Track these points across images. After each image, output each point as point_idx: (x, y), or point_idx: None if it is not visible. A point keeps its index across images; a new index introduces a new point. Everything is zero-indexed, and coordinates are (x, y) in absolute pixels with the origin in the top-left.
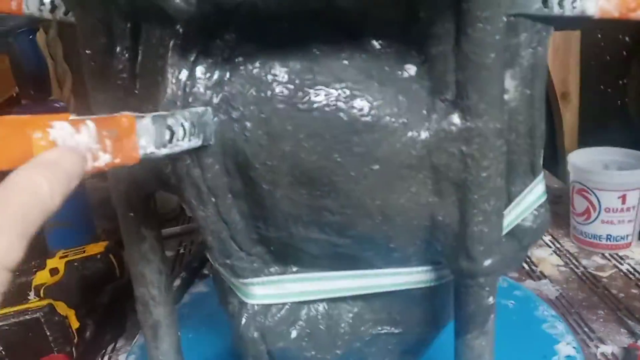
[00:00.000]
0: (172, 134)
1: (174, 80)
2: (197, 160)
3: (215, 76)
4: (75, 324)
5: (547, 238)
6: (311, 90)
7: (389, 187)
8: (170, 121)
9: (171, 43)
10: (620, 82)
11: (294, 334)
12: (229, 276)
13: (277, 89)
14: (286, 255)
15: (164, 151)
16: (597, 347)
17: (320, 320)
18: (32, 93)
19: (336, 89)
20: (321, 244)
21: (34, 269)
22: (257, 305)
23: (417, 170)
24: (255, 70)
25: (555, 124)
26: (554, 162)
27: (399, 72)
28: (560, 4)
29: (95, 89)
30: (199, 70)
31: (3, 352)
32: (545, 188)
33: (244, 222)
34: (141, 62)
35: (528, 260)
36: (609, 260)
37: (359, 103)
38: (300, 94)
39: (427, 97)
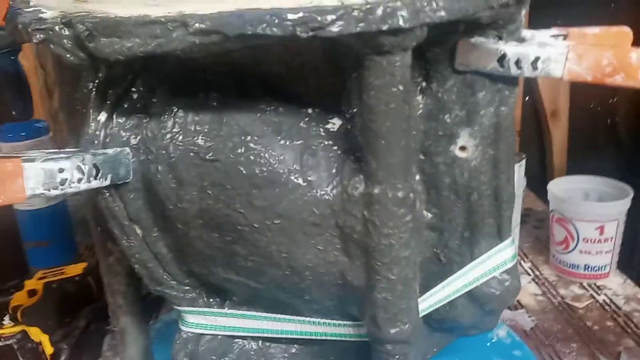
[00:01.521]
0: (66, 177)
1: (92, 122)
2: (119, 195)
3: (134, 120)
4: (49, 350)
5: (526, 265)
6: (214, 141)
7: (293, 242)
8: (64, 164)
9: (94, 88)
10: (610, 100)
11: None
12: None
13: (185, 137)
14: (218, 290)
15: (54, 192)
16: None
17: (252, 356)
18: (14, 114)
19: (238, 142)
20: (241, 285)
21: (12, 290)
22: (190, 332)
23: (323, 228)
24: (166, 117)
25: (545, 143)
26: (543, 183)
27: (318, 130)
28: (518, 65)
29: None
30: (118, 113)
31: None
32: (516, 251)
33: (171, 254)
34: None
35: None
36: (586, 290)
37: (258, 158)
38: (204, 143)
39: (339, 157)
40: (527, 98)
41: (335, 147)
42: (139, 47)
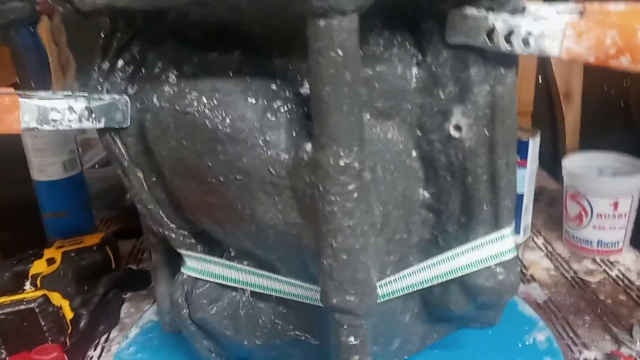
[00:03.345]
0: (55, 115)
1: (97, 70)
2: (120, 138)
3: (131, 71)
4: (69, 315)
5: (539, 241)
6: (189, 95)
7: (254, 199)
8: (57, 104)
9: (100, 41)
10: (624, 83)
11: (213, 310)
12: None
13: (166, 89)
14: (216, 241)
15: (46, 127)
16: (580, 352)
17: (241, 307)
18: (33, 85)
19: (207, 98)
20: (227, 238)
21: (32, 258)
22: (187, 275)
23: (281, 189)
24: (157, 70)
25: (557, 124)
26: (555, 162)
27: (287, 93)
28: (508, 40)
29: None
30: (118, 64)
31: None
32: (515, 245)
33: (168, 200)
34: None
35: (519, 263)
36: (599, 265)
37: (222, 114)
38: (180, 96)
39: (302, 121)
40: (539, 79)
41: (301, 111)
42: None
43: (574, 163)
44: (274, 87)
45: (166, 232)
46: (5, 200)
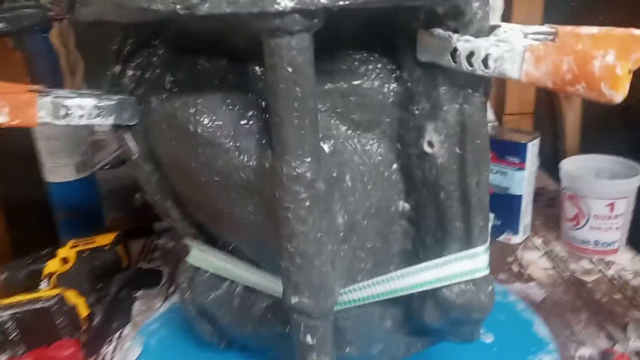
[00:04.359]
0: (68, 112)
1: (109, 73)
2: (131, 134)
3: (139, 74)
4: (84, 312)
5: (538, 241)
6: (178, 100)
7: (230, 200)
8: (68, 102)
9: (114, 46)
10: None
11: (211, 297)
12: None
13: (162, 92)
14: (209, 232)
15: (61, 122)
16: (576, 349)
17: (235, 298)
18: None
19: (192, 103)
20: (216, 231)
21: (45, 258)
22: (190, 263)
23: (251, 192)
24: (156, 75)
25: (558, 125)
26: (555, 163)
27: (262, 103)
28: (469, 62)
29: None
30: (128, 68)
31: (19, 337)
32: (488, 266)
33: (172, 193)
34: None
35: (518, 263)
36: (596, 265)
37: (202, 119)
38: (171, 99)
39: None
40: None
41: None
42: (91, 13)
43: (572, 165)
44: (251, 95)
45: (171, 222)
46: (18, 200)
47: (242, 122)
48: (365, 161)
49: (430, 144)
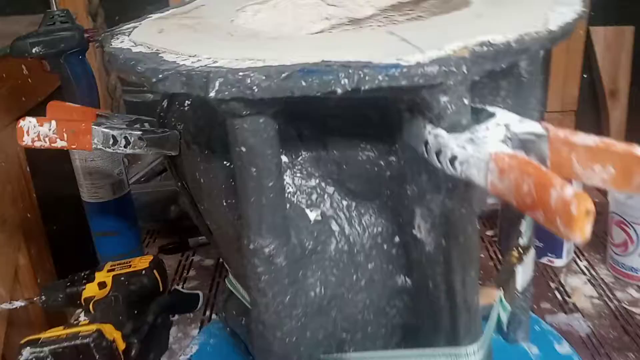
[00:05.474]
0: (115, 141)
1: (159, 112)
2: (173, 160)
3: (177, 114)
4: (121, 346)
5: (582, 264)
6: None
7: (229, 253)
8: (115, 132)
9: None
10: None
11: (241, 321)
12: None
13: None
14: None
15: (109, 149)
16: None
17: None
18: None
19: (198, 154)
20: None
21: (84, 281)
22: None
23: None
24: (190, 119)
25: (602, 123)
26: None
27: None
28: (438, 159)
29: None
30: (170, 108)
31: None
32: None
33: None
34: None
35: (562, 290)
36: None
37: (203, 175)
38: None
39: None
40: (585, 76)
41: None
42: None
43: None
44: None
45: (206, 239)
46: (58, 219)
47: (230, 180)
48: (359, 232)
49: (419, 229)
